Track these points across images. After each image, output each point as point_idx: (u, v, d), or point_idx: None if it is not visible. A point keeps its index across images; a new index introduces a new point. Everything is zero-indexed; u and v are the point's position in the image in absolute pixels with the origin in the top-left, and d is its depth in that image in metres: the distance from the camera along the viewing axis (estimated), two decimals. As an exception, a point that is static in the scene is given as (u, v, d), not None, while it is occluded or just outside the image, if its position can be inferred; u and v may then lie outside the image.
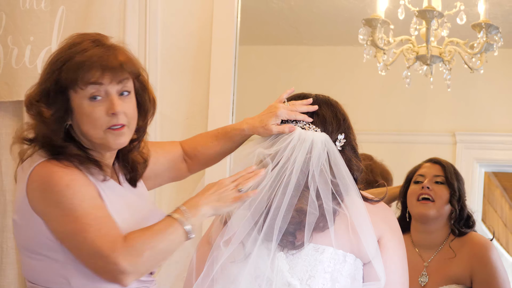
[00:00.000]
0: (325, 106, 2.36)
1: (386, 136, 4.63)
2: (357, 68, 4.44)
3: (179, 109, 3.58)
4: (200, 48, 3.60)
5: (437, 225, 3.48)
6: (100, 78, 2.32)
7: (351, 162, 2.31)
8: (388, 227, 2.27)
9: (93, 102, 2.33)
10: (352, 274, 2.18)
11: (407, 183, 3.60)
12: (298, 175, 2.19)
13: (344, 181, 2.22)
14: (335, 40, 4.56)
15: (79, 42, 2.39)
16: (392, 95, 4.64)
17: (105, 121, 2.34)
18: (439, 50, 4.27)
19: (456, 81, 4.39)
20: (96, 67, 2.32)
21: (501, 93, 4.63)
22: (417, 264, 3.46)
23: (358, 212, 2.20)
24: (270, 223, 2.15)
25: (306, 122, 2.31)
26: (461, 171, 3.63)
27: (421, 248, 3.50)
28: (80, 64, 2.32)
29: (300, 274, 2.14)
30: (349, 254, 2.18)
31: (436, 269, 3.43)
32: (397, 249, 2.26)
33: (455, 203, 3.47)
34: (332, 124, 2.32)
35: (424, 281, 3.42)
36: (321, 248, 2.16)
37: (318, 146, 2.25)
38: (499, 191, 5.17)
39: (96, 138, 2.36)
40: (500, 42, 4.17)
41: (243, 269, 2.16)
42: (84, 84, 2.31)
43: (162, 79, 3.56)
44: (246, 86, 3.97)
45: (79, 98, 2.33)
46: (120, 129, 2.36)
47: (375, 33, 4.19)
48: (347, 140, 2.33)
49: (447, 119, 4.66)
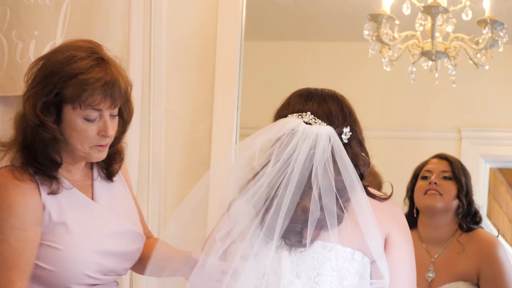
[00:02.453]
0: (331, 100, 2.34)
1: (391, 132, 4.63)
2: (362, 64, 4.44)
3: (184, 104, 3.58)
4: (205, 43, 3.59)
5: (445, 219, 3.48)
6: (101, 104, 2.39)
7: (357, 156, 2.29)
8: (396, 224, 2.26)
9: (87, 122, 2.41)
10: (360, 271, 2.17)
11: (415, 179, 3.59)
12: (301, 171, 2.18)
13: (349, 177, 2.20)
14: (340, 36, 4.56)
15: (81, 58, 2.41)
16: (397, 91, 4.64)
17: (95, 140, 2.43)
18: (444, 46, 4.26)
19: (461, 77, 4.39)
20: (100, 93, 2.38)
21: (507, 89, 4.63)
22: (424, 259, 3.46)
23: (362, 210, 2.18)
24: (271, 221, 2.14)
25: (312, 116, 2.31)
26: (466, 167, 3.62)
27: (428, 243, 3.49)
28: (85, 86, 2.37)
29: (308, 272, 2.13)
30: (357, 252, 2.17)
31: (443, 265, 3.43)
32: (405, 247, 2.25)
33: (462, 198, 3.47)
34: (338, 117, 2.30)
35: (431, 277, 3.42)
36: (329, 246, 2.15)
37: (323, 140, 2.23)
38: (504, 187, 5.17)
39: (81, 152, 2.44)
40: (505, 38, 4.16)
41: (249, 266, 2.15)
42: (85, 106, 2.38)
43: (167, 74, 3.56)
44: (251, 81, 3.97)
45: (75, 115, 2.40)
46: (104, 146, 2.46)
47: (380, 28, 4.18)
48: (353, 134, 2.30)
49: (452, 115, 4.66)
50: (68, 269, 2.40)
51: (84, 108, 2.38)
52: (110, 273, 2.50)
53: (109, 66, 2.44)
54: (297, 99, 2.36)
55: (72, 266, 2.40)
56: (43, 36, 3.37)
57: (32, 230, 2.37)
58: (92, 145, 2.43)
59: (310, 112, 2.30)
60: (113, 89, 2.41)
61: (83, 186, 2.55)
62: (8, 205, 2.36)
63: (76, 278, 2.41)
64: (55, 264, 2.39)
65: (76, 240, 2.41)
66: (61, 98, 2.38)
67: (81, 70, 2.39)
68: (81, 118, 2.40)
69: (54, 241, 2.39)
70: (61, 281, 2.40)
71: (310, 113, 2.30)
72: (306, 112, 2.30)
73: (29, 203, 2.38)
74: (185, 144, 3.55)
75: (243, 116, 3.58)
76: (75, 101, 2.38)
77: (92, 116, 2.40)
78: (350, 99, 2.41)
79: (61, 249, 2.39)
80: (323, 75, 4.54)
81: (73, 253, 2.40)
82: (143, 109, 3.51)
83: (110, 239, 2.50)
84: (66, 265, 2.39)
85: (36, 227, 2.38)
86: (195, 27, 3.60)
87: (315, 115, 2.29)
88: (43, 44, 3.34)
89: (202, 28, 3.60)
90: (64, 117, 2.41)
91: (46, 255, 2.39)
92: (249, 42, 3.75)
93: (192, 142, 3.54)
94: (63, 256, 2.39)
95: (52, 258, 2.39)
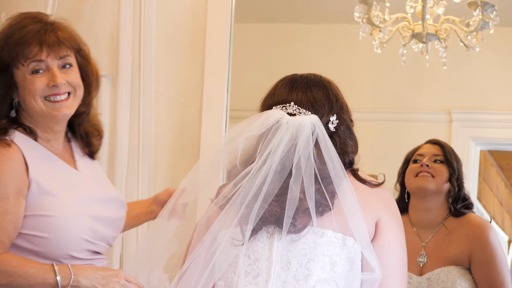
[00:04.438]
0: (316, 87, 2.30)
1: (381, 114, 4.63)
2: (352, 46, 4.43)
3: (174, 86, 3.58)
4: (195, 25, 3.58)
5: (436, 202, 3.48)
6: (39, 54, 2.43)
7: (345, 144, 2.27)
8: (387, 209, 2.24)
9: (35, 75, 2.44)
10: (352, 257, 2.16)
11: (406, 164, 3.60)
12: (285, 162, 2.16)
13: (334, 167, 2.17)
14: (331, 18, 4.55)
15: (19, 20, 2.48)
16: (388, 73, 4.63)
17: (45, 91, 2.45)
18: (435, 28, 4.26)
19: (452, 59, 4.39)
20: (34, 42, 2.43)
21: (497, 71, 4.63)
22: (415, 244, 3.46)
23: (347, 198, 2.16)
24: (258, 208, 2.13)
25: (295, 107, 2.28)
26: (456, 149, 3.62)
27: (420, 227, 3.49)
28: (19, 40, 2.42)
29: (299, 258, 2.12)
30: (348, 237, 2.15)
31: (435, 250, 3.43)
32: (395, 232, 2.23)
33: (454, 182, 3.47)
34: (324, 106, 2.27)
35: (422, 261, 3.42)
36: (320, 232, 2.13)
37: (306, 129, 2.20)
38: (494, 170, 5.18)
39: (37, 109, 2.46)
40: (496, 20, 4.16)
41: (240, 252, 2.15)
42: (25, 60, 2.42)
43: (157, 56, 3.55)
44: (241, 63, 3.96)
45: (22, 73, 2.44)
46: (63, 100, 2.47)
47: (370, 10, 4.18)
48: (340, 121, 2.28)
49: (442, 97, 4.65)
50: (66, 234, 2.43)
51: (25, 62, 2.43)
52: (101, 239, 2.53)
53: (50, 25, 2.48)
54: (282, 88, 2.32)
55: (67, 231, 2.43)
56: (32, 18, 3.36)
57: (13, 200, 2.38)
58: (42, 96, 2.45)
59: (294, 103, 2.27)
60: (47, 36, 2.44)
61: (66, 158, 2.58)
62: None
63: (76, 244, 2.45)
64: (51, 231, 2.42)
65: (67, 206, 2.44)
66: (3, 62, 2.44)
67: (17, 29, 2.45)
68: (28, 74, 2.44)
69: (46, 209, 2.42)
70: (61, 249, 2.43)
71: (294, 103, 2.27)
72: (290, 103, 2.27)
73: (12, 172, 2.40)
74: (175, 126, 3.55)
75: (233, 98, 3.58)
76: (15, 59, 2.43)
77: (37, 67, 2.44)
78: (340, 82, 2.39)
79: (55, 215, 2.42)
80: (314, 57, 4.53)
81: (67, 218, 2.43)
82: (133, 91, 3.51)
83: (97, 204, 2.54)
84: (62, 231, 2.42)
85: (18, 198, 2.39)
86: (185, 8, 3.59)
87: (299, 105, 2.27)
88: (32, 26, 3.33)
89: (192, 10, 3.59)
90: (17, 81, 2.45)
91: (41, 224, 2.41)
92: (239, 24, 3.74)
93: (182, 124, 3.54)
94: (57, 222, 2.42)
95: (47, 226, 2.41)
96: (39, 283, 2.34)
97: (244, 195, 2.15)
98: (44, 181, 2.43)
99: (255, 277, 2.14)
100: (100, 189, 2.60)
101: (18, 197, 2.39)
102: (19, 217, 2.39)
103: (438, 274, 3.35)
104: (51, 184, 2.45)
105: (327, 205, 2.15)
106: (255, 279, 2.14)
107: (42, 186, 2.43)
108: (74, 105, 2.52)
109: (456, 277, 3.34)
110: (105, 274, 2.39)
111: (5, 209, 2.36)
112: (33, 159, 2.44)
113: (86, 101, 2.58)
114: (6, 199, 2.37)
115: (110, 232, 2.57)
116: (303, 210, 2.13)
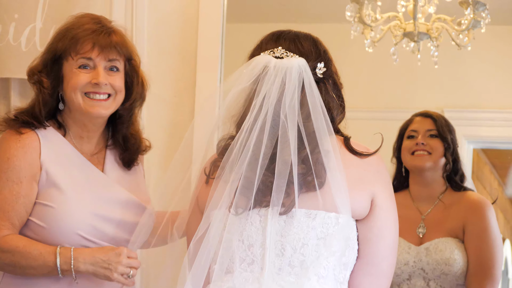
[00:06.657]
0: (304, 38, 2.24)
1: (373, 114, 4.64)
2: (344, 45, 4.43)
3: (166, 87, 3.57)
4: (187, 25, 3.58)
5: (433, 176, 3.55)
6: (90, 52, 2.51)
7: (331, 98, 2.18)
8: (381, 183, 2.17)
9: (81, 69, 2.51)
10: (346, 235, 2.10)
11: (400, 139, 3.63)
12: (273, 115, 2.08)
13: (316, 117, 2.09)
14: (322, 17, 4.55)
15: (80, 18, 2.58)
16: (380, 72, 4.64)
17: (86, 87, 2.51)
18: (426, 27, 4.27)
19: (444, 58, 4.40)
20: (88, 40, 2.51)
21: (489, 70, 4.64)
22: (415, 217, 3.53)
23: (330, 162, 2.08)
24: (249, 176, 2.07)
25: (283, 50, 2.19)
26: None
27: (420, 201, 3.57)
28: (74, 35, 2.51)
29: (293, 243, 2.07)
30: (342, 216, 2.08)
31: (433, 222, 3.50)
32: (390, 210, 2.18)
33: (449, 156, 3.52)
34: (312, 53, 2.20)
35: (422, 232, 3.48)
36: (312, 214, 2.07)
37: (294, 71, 2.13)
38: (488, 168, 5.18)
39: (75, 103, 2.52)
40: (488, 19, 4.17)
41: (232, 235, 2.10)
42: (75, 54, 2.50)
43: (149, 56, 3.55)
44: (234, 64, 3.95)
45: (70, 66, 2.52)
46: (102, 100, 2.54)
47: (362, 9, 4.18)
48: (328, 71, 2.21)
49: (435, 96, 4.66)
50: (60, 226, 2.47)
51: (75, 56, 2.50)
52: (110, 240, 2.55)
53: (108, 29, 2.57)
54: (268, 38, 2.26)
55: (62, 224, 2.47)
56: (23, 19, 3.35)
57: (26, 185, 2.46)
58: (83, 91, 2.51)
59: (281, 47, 2.21)
60: (101, 37, 2.52)
61: (94, 159, 2.64)
62: (8, 158, 2.47)
63: (68, 236, 2.48)
64: (47, 221, 2.47)
65: (70, 200, 2.49)
66: (56, 54, 2.53)
67: (76, 26, 2.54)
68: (75, 68, 2.51)
69: (48, 199, 2.48)
70: (54, 240, 2.47)
71: (281, 48, 2.20)
72: (277, 48, 2.21)
73: (27, 157, 2.47)
74: (167, 126, 3.55)
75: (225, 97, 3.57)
76: (66, 52, 2.51)
77: (84, 63, 2.51)
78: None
79: (54, 207, 2.48)
80: (306, 57, 4.52)
81: (65, 212, 2.48)
82: (125, 92, 3.51)
83: (109, 205, 2.56)
84: (58, 222, 2.47)
85: (30, 183, 2.47)
86: (177, 8, 3.59)
87: (286, 49, 2.20)
88: (22, 27, 3.33)
89: (184, 10, 3.59)
90: (64, 74, 2.53)
91: (41, 212, 2.48)
92: (232, 24, 3.74)
93: (174, 124, 3.54)
94: (55, 213, 2.47)
95: (45, 216, 2.48)
96: (40, 265, 2.41)
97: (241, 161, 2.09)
98: (54, 173, 2.50)
99: (250, 264, 2.10)
100: (121, 192, 2.61)
101: (31, 182, 2.47)
102: (30, 201, 2.47)
103: (437, 244, 3.42)
104: (61, 177, 2.51)
105: (319, 179, 2.08)
106: (250, 266, 2.10)
107: (51, 177, 2.49)
108: (112, 108, 2.57)
109: (454, 248, 3.39)
110: (106, 257, 2.42)
111: (17, 192, 2.45)
112: (50, 150, 2.52)
113: (126, 106, 2.62)
114: (20, 183, 2.45)
115: (122, 234, 2.57)
116: (296, 177, 2.05)
